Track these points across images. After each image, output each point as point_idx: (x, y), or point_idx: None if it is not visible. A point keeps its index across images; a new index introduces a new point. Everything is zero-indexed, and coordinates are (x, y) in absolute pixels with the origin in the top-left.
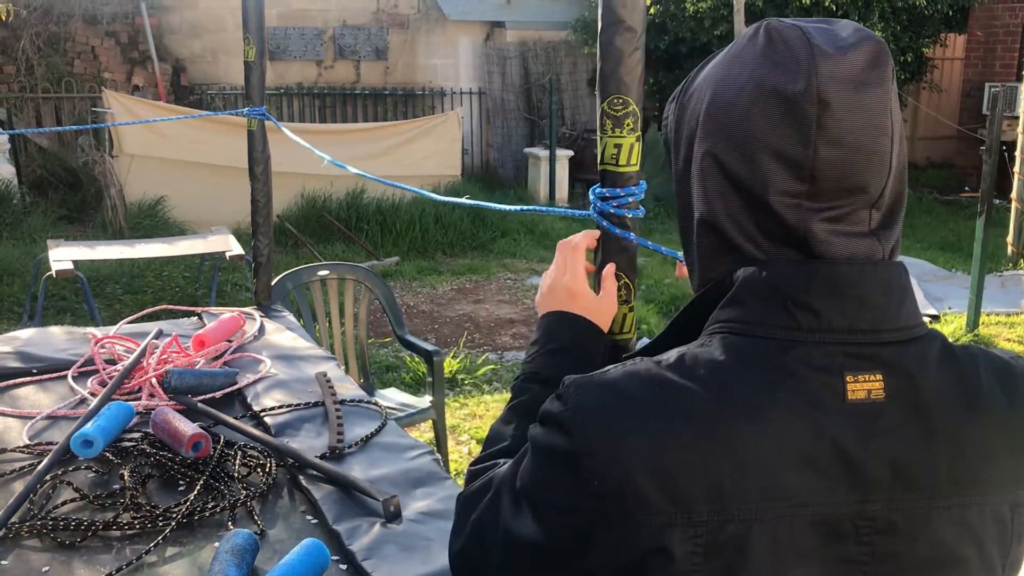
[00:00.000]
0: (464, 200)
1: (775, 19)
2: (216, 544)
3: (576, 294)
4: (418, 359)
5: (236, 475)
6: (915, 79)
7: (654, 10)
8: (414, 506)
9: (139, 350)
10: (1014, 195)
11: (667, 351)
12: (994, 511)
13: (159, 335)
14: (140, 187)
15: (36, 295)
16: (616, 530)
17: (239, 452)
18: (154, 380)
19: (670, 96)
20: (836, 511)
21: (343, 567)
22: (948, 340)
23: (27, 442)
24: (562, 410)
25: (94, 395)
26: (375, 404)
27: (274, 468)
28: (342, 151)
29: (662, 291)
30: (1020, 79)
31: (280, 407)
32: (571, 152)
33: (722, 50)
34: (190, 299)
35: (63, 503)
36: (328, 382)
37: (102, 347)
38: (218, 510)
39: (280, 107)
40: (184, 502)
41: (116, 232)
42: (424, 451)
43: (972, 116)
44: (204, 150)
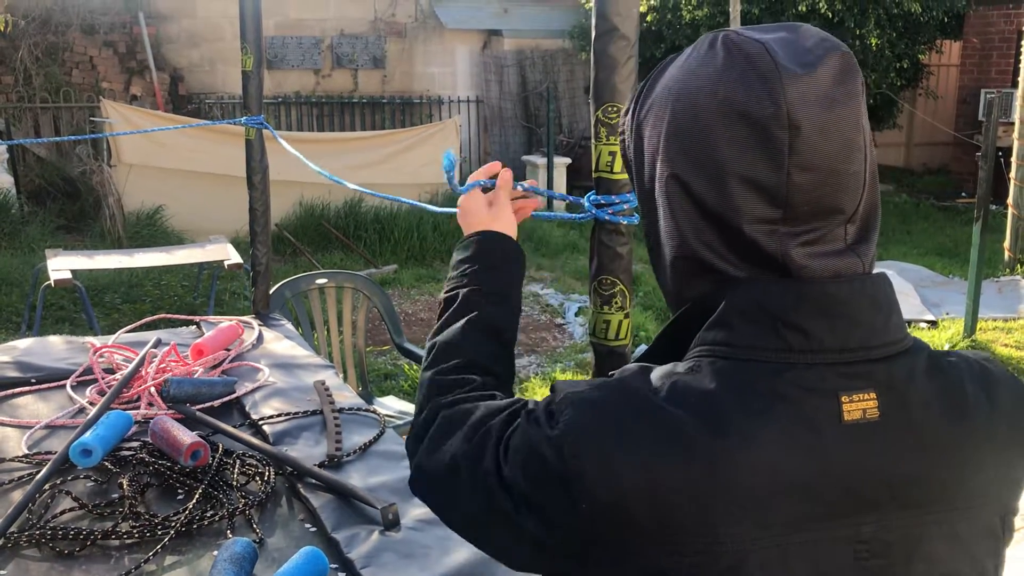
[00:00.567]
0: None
1: (732, 30)
2: (215, 552)
3: (499, 213)
4: (416, 367)
5: (235, 483)
6: (911, 85)
7: (651, 17)
8: (412, 514)
9: (138, 359)
10: (1010, 200)
11: (661, 363)
12: (985, 522)
13: (158, 344)
14: (138, 196)
15: (34, 304)
16: (609, 549)
17: (238, 461)
18: (153, 389)
19: (622, 111)
20: (832, 535)
21: (342, 575)
22: (933, 351)
23: (26, 451)
24: (554, 431)
25: (93, 404)
26: (373, 412)
27: (272, 476)
28: (340, 160)
29: (659, 298)
30: (1016, 85)
31: (278, 415)
32: (569, 160)
33: (676, 58)
34: (188, 308)
35: (62, 512)
36: (326, 390)
37: (101, 356)
38: (217, 518)
39: (278, 116)
40: (183, 511)
41: (114, 241)
42: None
43: (968, 122)
44: (202, 159)
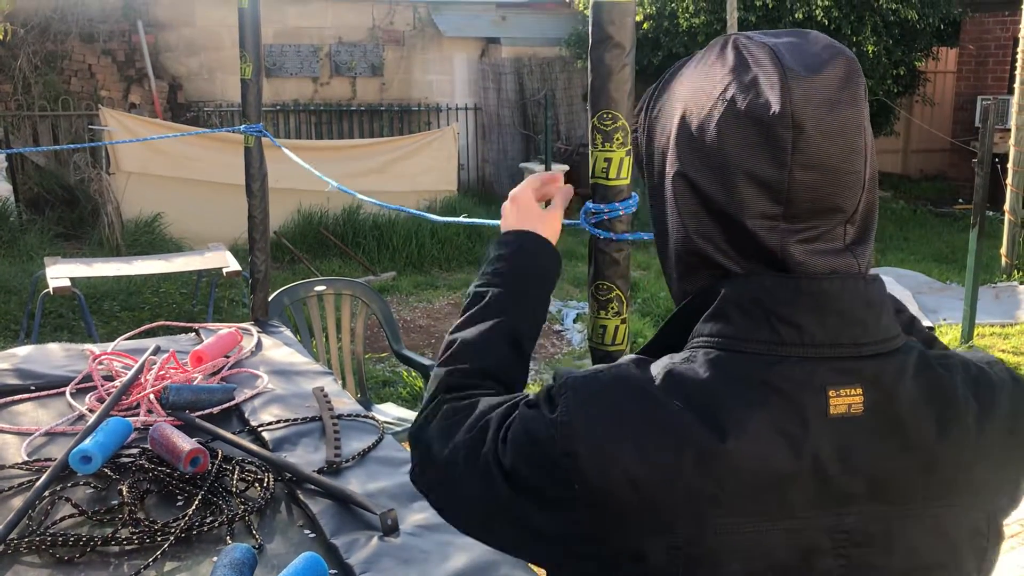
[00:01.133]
0: (461, 219)
1: (743, 34)
2: (214, 558)
3: (549, 218)
4: (415, 374)
5: (234, 490)
6: (908, 92)
7: (647, 25)
8: (411, 519)
9: (137, 366)
10: (1007, 207)
11: (657, 357)
12: (969, 521)
13: (157, 351)
14: (137, 204)
15: (33, 312)
16: (595, 528)
17: (237, 467)
18: (152, 396)
19: (636, 107)
20: (813, 525)
21: None
22: (925, 351)
23: (26, 458)
24: (553, 413)
25: (92, 411)
26: (372, 418)
27: (272, 482)
28: (339, 167)
29: (658, 304)
30: (1012, 92)
31: (277, 422)
32: (566, 167)
33: (689, 60)
34: (187, 315)
35: (62, 519)
36: (325, 397)
37: (100, 363)
38: (216, 525)
39: (276, 124)
40: (182, 517)
41: (113, 249)
42: None
43: (965, 129)
44: (201, 167)
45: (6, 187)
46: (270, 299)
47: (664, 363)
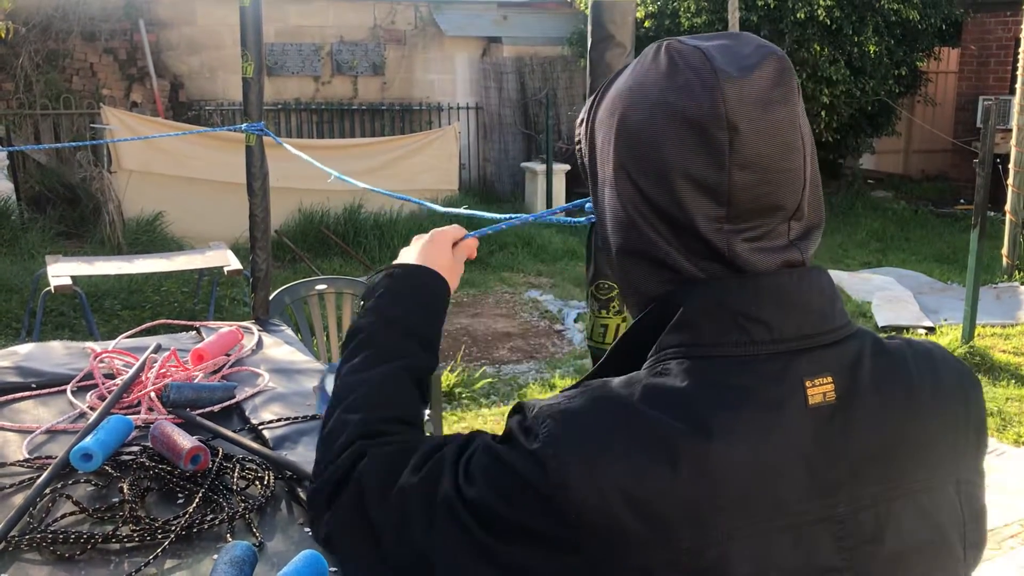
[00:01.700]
0: (462, 210)
1: (675, 39)
2: (215, 556)
3: (456, 269)
4: None
5: (235, 487)
6: (909, 92)
7: (649, 23)
8: None
9: (138, 364)
10: (1008, 207)
11: (613, 376)
12: (943, 493)
13: (158, 349)
14: (138, 203)
15: (34, 311)
16: (598, 554)
17: (237, 465)
18: (153, 394)
19: (578, 120)
20: (807, 518)
21: None
22: (876, 335)
23: (26, 456)
24: (534, 444)
25: (93, 409)
26: None
27: (272, 480)
28: (340, 166)
29: None
30: (1013, 92)
31: (278, 420)
32: (567, 166)
33: (624, 69)
34: (188, 314)
35: (62, 516)
36: None
37: (101, 361)
38: (217, 522)
39: (278, 123)
40: (183, 515)
41: (114, 248)
42: None
43: (966, 129)
44: (202, 166)
45: (8, 185)
46: (271, 298)
47: (632, 379)
